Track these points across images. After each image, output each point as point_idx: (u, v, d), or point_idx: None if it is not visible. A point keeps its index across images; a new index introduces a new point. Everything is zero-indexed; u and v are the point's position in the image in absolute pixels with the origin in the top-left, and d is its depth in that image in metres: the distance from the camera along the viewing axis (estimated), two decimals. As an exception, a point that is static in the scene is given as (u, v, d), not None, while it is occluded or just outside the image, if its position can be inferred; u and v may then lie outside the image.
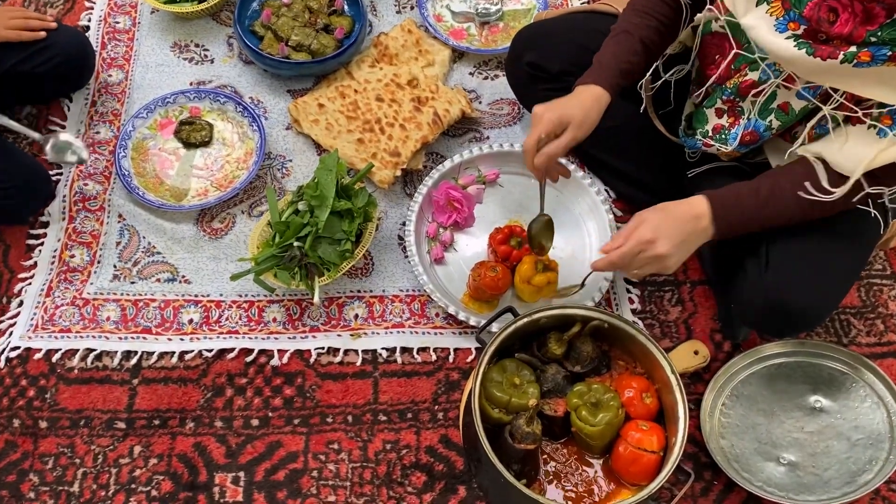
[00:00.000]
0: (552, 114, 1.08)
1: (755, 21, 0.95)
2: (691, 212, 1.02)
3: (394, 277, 1.32)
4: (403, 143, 1.40)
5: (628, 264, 1.02)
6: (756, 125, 1.07)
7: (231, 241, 1.35)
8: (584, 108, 1.09)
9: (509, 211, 1.38)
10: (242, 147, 1.45)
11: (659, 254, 0.99)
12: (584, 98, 1.10)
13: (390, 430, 1.18)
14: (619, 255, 1.02)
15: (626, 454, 1.02)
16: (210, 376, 1.22)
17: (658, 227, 1.00)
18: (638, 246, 1.00)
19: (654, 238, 0.99)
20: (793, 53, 0.91)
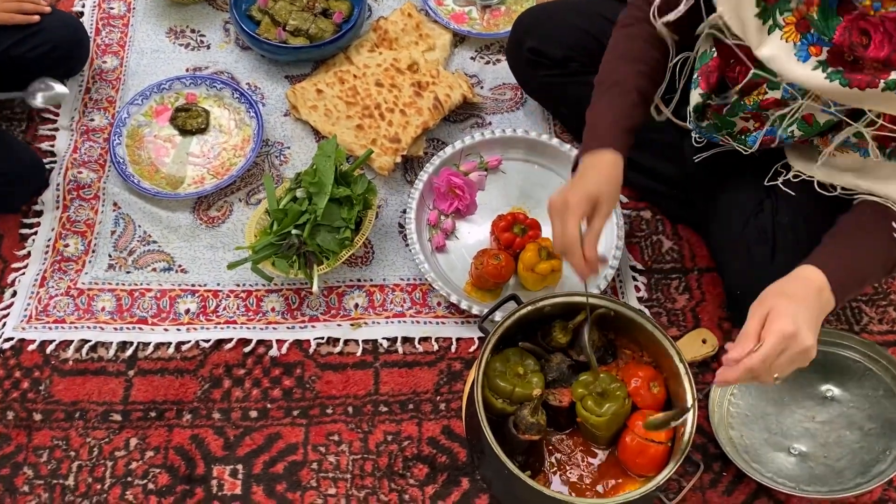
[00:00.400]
0: (579, 196, 0.95)
1: (773, 51, 0.86)
2: (813, 287, 0.88)
3: (394, 266, 1.30)
4: (404, 129, 1.37)
5: (774, 369, 0.84)
6: (776, 133, 1.03)
7: (228, 230, 1.32)
8: (609, 180, 0.97)
9: (512, 198, 1.35)
10: (239, 134, 1.42)
11: (806, 346, 0.83)
12: (602, 169, 0.98)
13: (391, 422, 1.16)
14: (760, 360, 0.83)
15: (632, 445, 1.00)
16: (207, 367, 1.20)
17: (796, 315, 0.84)
18: (781, 343, 0.83)
19: (796, 330, 0.83)
20: (825, 86, 0.83)
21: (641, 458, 1.00)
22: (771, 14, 0.86)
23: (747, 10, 0.87)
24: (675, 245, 1.33)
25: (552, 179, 1.37)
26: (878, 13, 0.77)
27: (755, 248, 1.10)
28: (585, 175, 0.99)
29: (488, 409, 1.01)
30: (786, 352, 0.83)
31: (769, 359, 0.84)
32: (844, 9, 0.80)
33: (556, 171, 1.38)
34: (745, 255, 1.11)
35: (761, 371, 0.84)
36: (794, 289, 0.88)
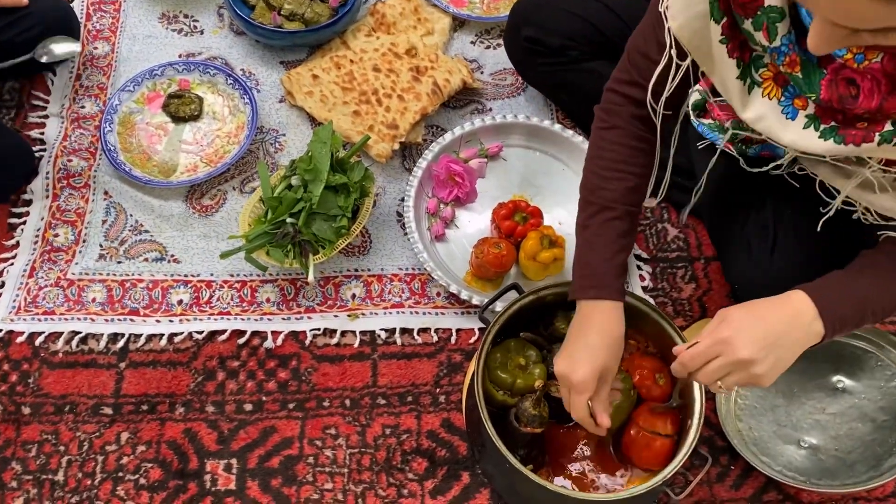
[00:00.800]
0: (583, 375, 0.89)
1: (758, 111, 0.80)
2: (787, 308, 0.81)
3: (393, 255, 1.27)
4: (401, 115, 1.34)
5: (706, 372, 0.82)
6: (776, 150, 1.00)
7: (222, 219, 1.29)
8: (612, 346, 0.91)
9: (513, 185, 1.32)
10: (233, 121, 1.39)
11: (740, 359, 0.79)
12: (605, 333, 0.91)
13: (390, 415, 1.13)
14: (689, 356, 0.83)
15: (637, 438, 0.97)
16: (200, 359, 1.17)
17: (740, 326, 0.80)
18: (713, 348, 0.81)
19: (731, 338, 0.80)
20: (819, 146, 0.77)
21: (647, 452, 0.97)
22: (748, 73, 0.81)
23: (728, 73, 0.81)
24: (680, 233, 1.30)
25: (554, 166, 1.34)
26: (862, 65, 0.72)
27: (755, 242, 1.07)
28: (588, 343, 0.91)
29: (489, 402, 0.98)
30: (720, 358, 0.81)
31: (696, 359, 0.83)
32: (825, 60, 0.74)
33: (559, 157, 1.35)
34: (745, 250, 1.08)
35: (691, 367, 0.84)
36: (763, 305, 0.83)
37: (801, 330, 0.81)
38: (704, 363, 0.83)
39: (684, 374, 0.86)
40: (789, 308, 0.82)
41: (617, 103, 0.96)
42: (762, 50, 0.78)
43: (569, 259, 1.21)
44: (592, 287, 0.93)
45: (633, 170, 0.95)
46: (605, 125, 0.97)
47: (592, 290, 0.93)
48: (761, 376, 0.80)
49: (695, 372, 0.84)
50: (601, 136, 0.97)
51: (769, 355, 0.80)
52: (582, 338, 0.93)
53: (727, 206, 1.12)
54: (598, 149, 0.97)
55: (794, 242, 1.01)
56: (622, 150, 0.95)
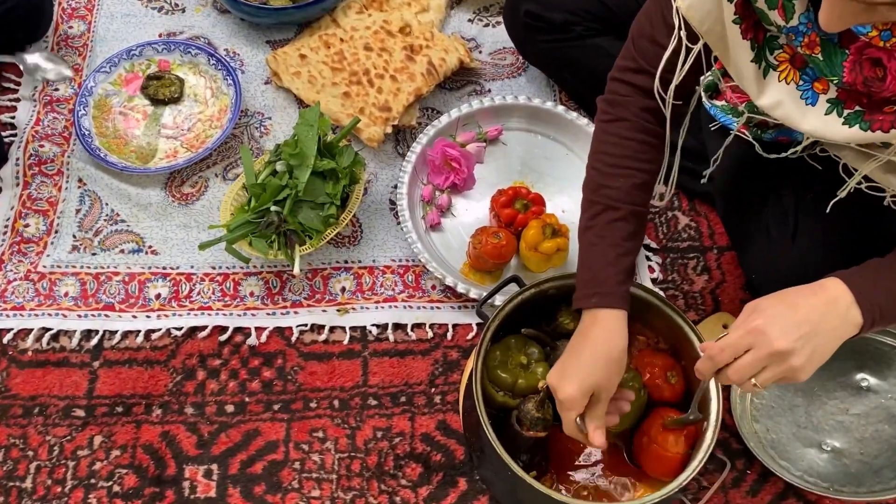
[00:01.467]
0: (572, 391, 0.83)
1: (775, 97, 0.75)
2: (821, 296, 0.75)
3: (385, 246, 1.20)
4: (394, 97, 1.27)
5: (737, 368, 0.75)
6: (794, 134, 0.95)
7: (203, 208, 1.23)
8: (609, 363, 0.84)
9: (513, 171, 1.26)
10: (216, 104, 1.32)
11: (776, 350, 0.72)
12: (599, 345, 0.84)
13: (381, 416, 1.07)
14: (718, 349, 0.76)
15: (649, 451, 0.91)
16: (179, 357, 1.11)
17: (773, 314, 0.74)
18: (745, 338, 0.74)
19: (766, 329, 0.73)
20: (844, 134, 0.72)
21: (658, 466, 0.91)
22: (762, 55, 0.75)
23: (742, 56, 0.75)
24: (691, 221, 1.23)
25: (557, 150, 1.28)
26: (889, 42, 0.65)
27: (775, 228, 1.00)
28: (581, 360, 0.84)
29: (488, 403, 0.92)
30: (753, 350, 0.73)
31: (726, 352, 0.75)
32: (848, 39, 0.68)
33: (562, 141, 1.28)
34: (764, 237, 1.01)
35: (720, 361, 0.76)
36: (795, 293, 0.76)
37: (838, 319, 0.74)
38: (734, 358, 0.75)
39: (711, 371, 0.78)
40: (823, 295, 0.75)
41: (622, 93, 0.89)
42: (777, 30, 0.72)
43: (573, 249, 1.15)
44: (594, 294, 0.86)
45: (640, 166, 0.88)
46: (609, 117, 0.89)
47: (594, 298, 0.86)
48: (798, 369, 0.73)
49: (724, 369, 0.76)
50: (605, 129, 0.90)
51: (806, 346, 0.72)
52: (576, 353, 0.86)
53: (743, 191, 1.05)
54: (601, 143, 0.90)
55: (817, 228, 0.95)
56: (628, 145, 0.87)
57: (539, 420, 0.90)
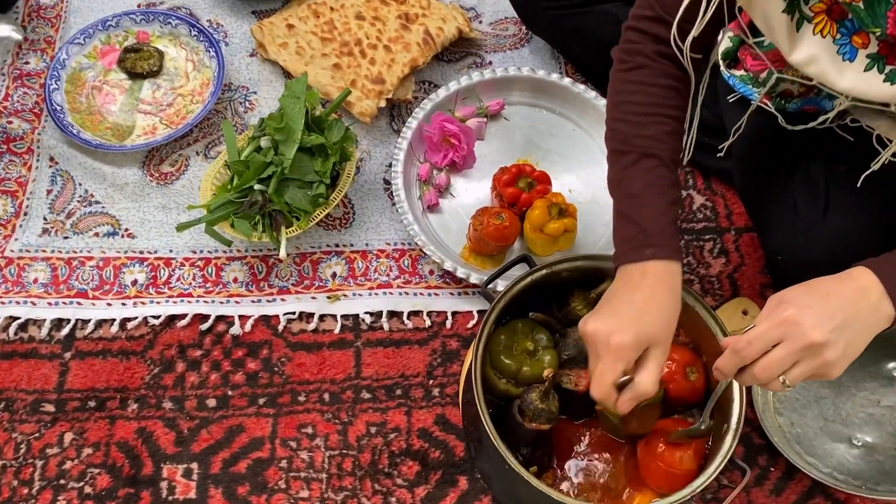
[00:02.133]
0: (626, 339, 0.73)
1: (809, 52, 0.70)
2: (850, 285, 0.69)
3: (379, 228, 1.13)
4: (388, 69, 1.19)
5: (765, 364, 0.67)
6: (821, 104, 0.89)
7: (183, 188, 1.15)
8: (668, 315, 0.75)
9: (516, 148, 1.19)
10: (198, 77, 1.24)
11: (811, 342, 0.65)
12: (662, 298, 0.75)
13: (375, 411, 1.00)
14: (745, 342, 0.68)
15: (653, 468, 0.84)
16: (157, 348, 1.04)
17: (806, 304, 0.67)
18: (775, 330, 0.67)
19: (799, 319, 0.66)
20: (886, 92, 0.67)
21: (664, 483, 0.84)
22: (796, 5, 0.69)
23: (772, 6, 0.69)
24: (707, 201, 1.16)
25: (563, 126, 1.20)
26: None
27: (803, 203, 0.92)
28: (634, 304, 0.75)
29: (489, 391, 0.86)
30: (784, 343, 0.67)
31: (755, 343, 0.68)
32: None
33: (568, 116, 1.21)
34: (791, 213, 0.93)
35: (747, 355, 0.68)
36: (824, 283, 0.70)
37: (869, 310, 0.68)
38: (762, 353, 0.67)
39: (735, 369, 0.70)
40: (852, 285, 0.69)
41: (638, 41, 0.82)
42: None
43: (581, 230, 1.09)
44: (647, 246, 0.76)
45: (668, 112, 0.80)
46: (627, 66, 0.82)
47: (648, 250, 0.76)
48: (833, 364, 0.66)
49: (748, 367, 0.69)
50: (625, 78, 0.82)
51: (840, 337, 0.66)
52: (626, 298, 0.75)
53: (765, 165, 0.98)
54: (622, 94, 0.82)
55: (850, 203, 0.87)
56: (653, 91, 0.80)
57: (543, 411, 0.84)
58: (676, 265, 0.77)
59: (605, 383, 0.74)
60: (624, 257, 0.78)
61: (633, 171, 0.79)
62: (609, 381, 0.74)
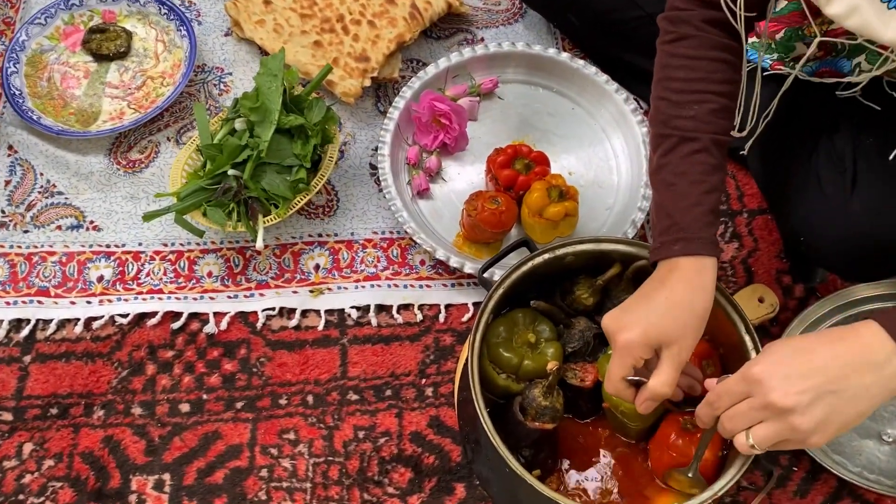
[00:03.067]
0: (631, 335, 0.70)
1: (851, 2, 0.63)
2: (850, 342, 0.61)
3: (365, 216, 1.06)
4: (373, 45, 1.12)
5: (729, 415, 0.64)
6: (839, 65, 0.83)
7: (153, 176, 1.08)
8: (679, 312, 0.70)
9: (512, 129, 1.12)
10: (169, 58, 1.17)
11: (772, 403, 0.60)
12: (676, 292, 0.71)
13: (363, 413, 0.93)
14: (716, 395, 0.65)
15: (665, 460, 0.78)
16: (126, 349, 0.97)
17: (776, 360, 0.62)
18: (742, 384, 0.63)
19: (763, 376, 0.61)
20: None
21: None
22: None
23: None
24: (717, 182, 1.10)
25: (561, 105, 1.14)
26: None
27: (827, 177, 0.86)
28: (652, 305, 0.71)
29: (487, 387, 0.81)
30: (749, 399, 0.62)
31: (724, 396, 0.64)
32: None
33: (566, 94, 1.14)
34: (814, 191, 0.87)
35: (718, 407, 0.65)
36: (815, 337, 0.65)
37: (873, 373, 0.60)
38: (731, 404, 0.64)
39: (710, 419, 0.67)
40: (854, 342, 0.62)
41: (684, 7, 0.76)
42: None
43: (583, 215, 1.03)
44: (677, 241, 0.72)
45: (715, 88, 0.74)
46: (672, 37, 0.77)
47: (677, 245, 0.72)
48: (806, 432, 0.59)
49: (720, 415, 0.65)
50: (668, 51, 0.77)
51: (816, 403, 0.59)
52: (646, 297, 0.72)
53: (783, 139, 0.91)
54: (665, 69, 0.77)
55: (882, 177, 0.81)
56: (698, 65, 0.75)
57: (546, 409, 0.78)
58: (708, 260, 0.72)
59: (613, 378, 0.73)
60: (657, 252, 0.74)
61: (672, 157, 0.74)
62: (617, 376, 0.72)
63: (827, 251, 0.84)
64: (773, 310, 0.98)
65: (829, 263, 0.91)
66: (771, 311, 0.98)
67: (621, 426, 0.82)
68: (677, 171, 0.74)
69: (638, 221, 1.01)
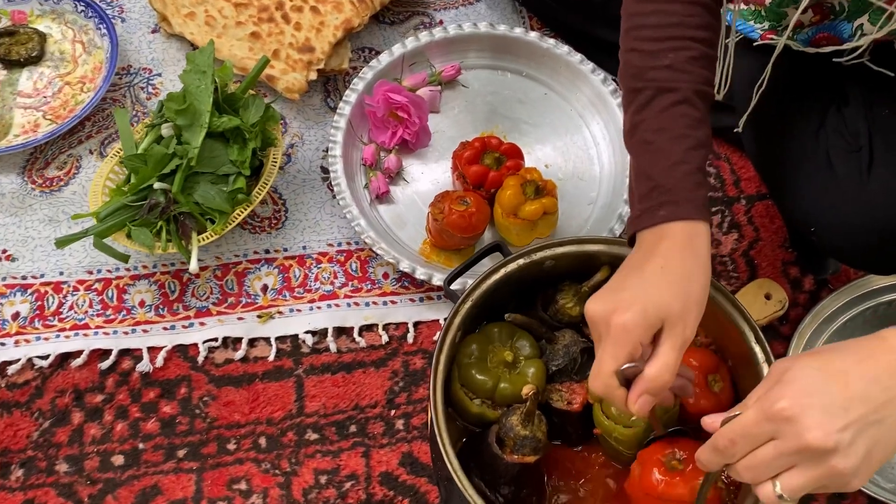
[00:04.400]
0: (627, 315, 0.59)
1: None
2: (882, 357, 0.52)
3: (318, 227, 0.97)
4: (317, 34, 1.03)
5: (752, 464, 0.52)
6: (839, 29, 0.75)
7: (74, 195, 0.99)
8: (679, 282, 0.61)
9: (479, 119, 1.04)
10: (89, 61, 1.07)
11: (808, 446, 0.49)
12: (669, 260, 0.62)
13: (325, 455, 0.84)
14: (727, 439, 0.53)
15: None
16: (47, 396, 0.86)
17: (807, 390, 0.51)
18: (766, 425, 0.51)
19: (795, 414, 0.50)
20: None
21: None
22: None
23: None
24: (710, 167, 1.02)
25: (532, 90, 1.05)
26: None
27: (839, 160, 0.77)
28: (645, 276, 0.61)
29: (461, 414, 0.73)
30: (776, 443, 0.51)
31: (740, 442, 0.52)
32: None
33: (537, 77, 1.06)
34: (824, 173, 0.78)
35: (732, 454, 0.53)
36: (844, 354, 0.53)
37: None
38: (750, 449, 0.52)
39: (718, 466, 0.55)
40: (886, 357, 0.52)
41: None
42: None
43: (563, 212, 0.95)
44: (661, 205, 0.62)
45: (693, 34, 0.65)
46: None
47: (662, 210, 0.62)
48: (847, 474, 0.49)
49: (735, 463, 0.53)
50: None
51: (859, 439, 0.49)
52: (636, 269, 0.62)
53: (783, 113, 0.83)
54: (635, 17, 0.68)
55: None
56: (672, 10, 0.66)
57: (526, 439, 0.69)
58: (700, 225, 0.62)
59: (604, 373, 0.60)
60: (637, 222, 0.64)
61: (647, 112, 0.64)
62: (607, 370, 0.60)
63: (841, 241, 0.76)
64: (781, 307, 0.90)
65: (843, 254, 0.82)
66: (780, 309, 0.90)
67: (616, 455, 0.74)
68: (655, 127, 0.64)
69: (625, 215, 0.93)
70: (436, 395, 0.68)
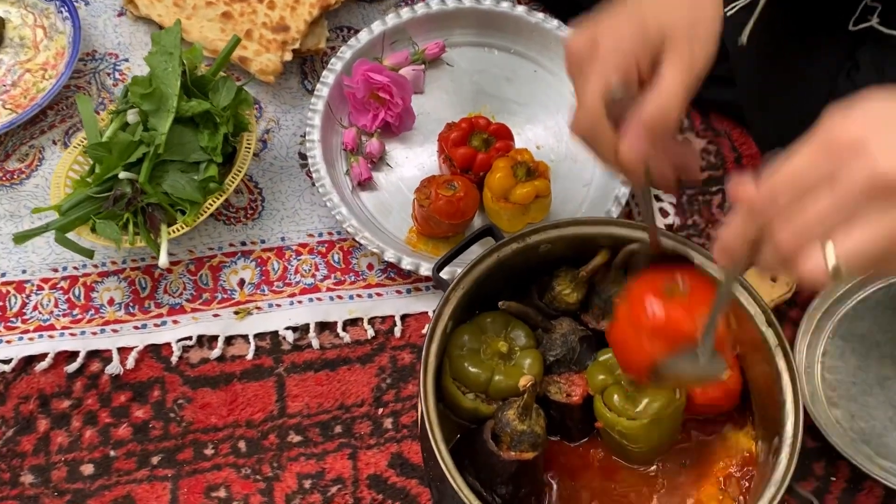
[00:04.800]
0: (619, 32, 0.52)
1: None
2: None
3: (297, 217, 0.93)
4: (292, 12, 0.99)
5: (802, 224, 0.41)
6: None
7: (37, 188, 0.94)
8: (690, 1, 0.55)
9: (466, 100, 1.00)
10: (50, 46, 1.02)
11: (883, 178, 0.39)
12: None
13: (309, 458, 0.80)
14: (768, 193, 0.42)
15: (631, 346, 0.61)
16: (10, 403, 0.82)
17: (884, 113, 0.42)
18: (821, 161, 0.41)
19: (865, 137, 0.40)
20: None
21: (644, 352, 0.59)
22: None
23: None
24: (710, 144, 0.98)
25: (521, 67, 1.02)
26: None
27: None
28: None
29: (453, 410, 0.70)
30: (836, 190, 0.40)
31: (786, 190, 0.41)
32: None
33: (526, 55, 1.02)
34: None
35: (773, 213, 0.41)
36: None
37: None
38: (797, 197, 0.40)
39: (745, 242, 0.43)
40: None
41: None
42: None
43: (557, 196, 0.91)
44: None
45: None
46: None
47: None
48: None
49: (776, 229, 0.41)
50: None
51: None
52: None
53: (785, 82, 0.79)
54: None
55: None
56: None
57: (524, 435, 0.67)
58: None
59: (590, 98, 0.52)
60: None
61: None
62: (595, 95, 0.51)
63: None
64: (789, 289, 0.87)
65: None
66: (787, 292, 0.87)
67: (620, 450, 0.71)
68: None
69: (622, 197, 0.89)
70: (426, 390, 0.65)
